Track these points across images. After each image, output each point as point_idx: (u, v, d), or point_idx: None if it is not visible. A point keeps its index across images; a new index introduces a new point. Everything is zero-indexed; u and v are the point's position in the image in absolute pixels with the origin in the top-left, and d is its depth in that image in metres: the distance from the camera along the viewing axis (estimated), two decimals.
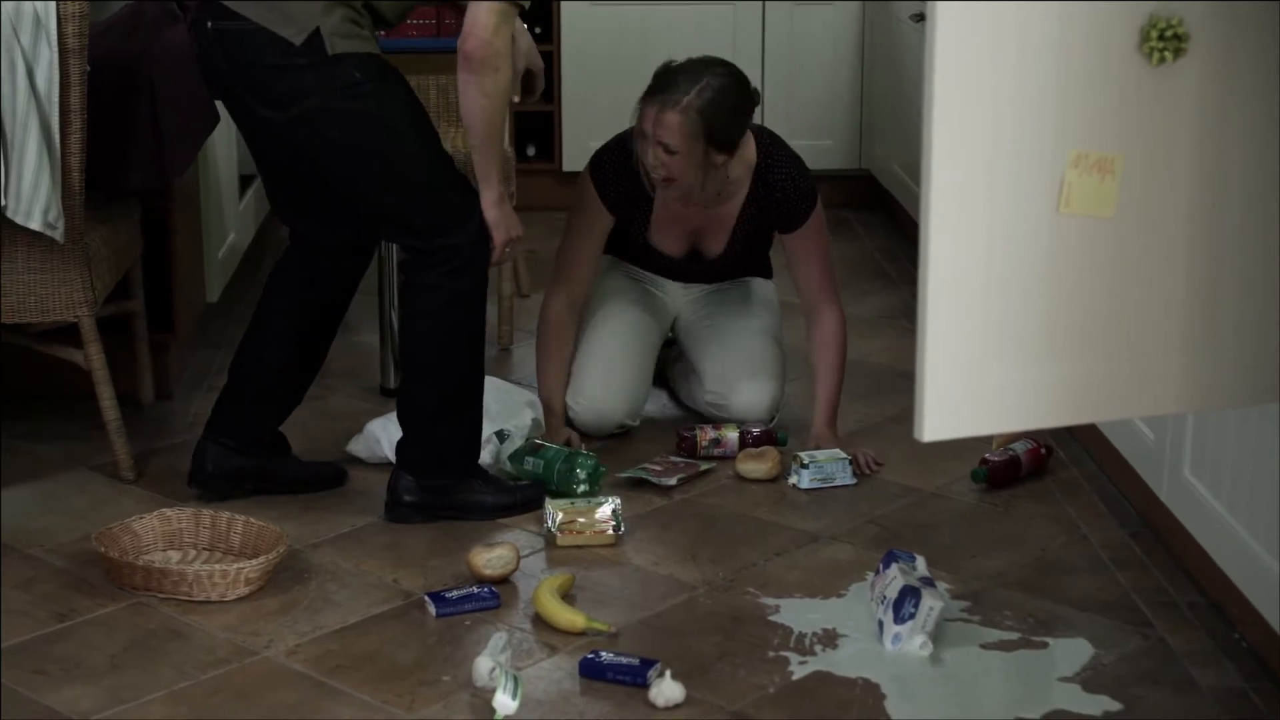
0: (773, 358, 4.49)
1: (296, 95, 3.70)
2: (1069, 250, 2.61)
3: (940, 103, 2.50)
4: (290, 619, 3.48)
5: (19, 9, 3.80)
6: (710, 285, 4.63)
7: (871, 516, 3.97)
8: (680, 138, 4.12)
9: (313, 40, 3.65)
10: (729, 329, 4.51)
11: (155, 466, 4.23)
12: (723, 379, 4.45)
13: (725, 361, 4.47)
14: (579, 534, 3.81)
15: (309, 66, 3.66)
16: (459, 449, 3.94)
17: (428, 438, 3.92)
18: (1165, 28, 2.55)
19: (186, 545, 3.75)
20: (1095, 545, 3.80)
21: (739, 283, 4.64)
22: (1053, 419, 2.71)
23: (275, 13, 3.67)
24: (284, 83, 3.70)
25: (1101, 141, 2.59)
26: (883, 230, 6.41)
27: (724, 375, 4.45)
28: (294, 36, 3.65)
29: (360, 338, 5.18)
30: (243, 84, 3.78)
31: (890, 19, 6.30)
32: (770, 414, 4.44)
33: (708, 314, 4.58)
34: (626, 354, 4.46)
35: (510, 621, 3.47)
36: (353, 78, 3.69)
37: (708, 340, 4.52)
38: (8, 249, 3.96)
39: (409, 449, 3.94)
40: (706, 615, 3.50)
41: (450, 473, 3.94)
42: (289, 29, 3.66)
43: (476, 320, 3.89)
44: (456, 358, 3.88)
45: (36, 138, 3.83)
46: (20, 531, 3.86)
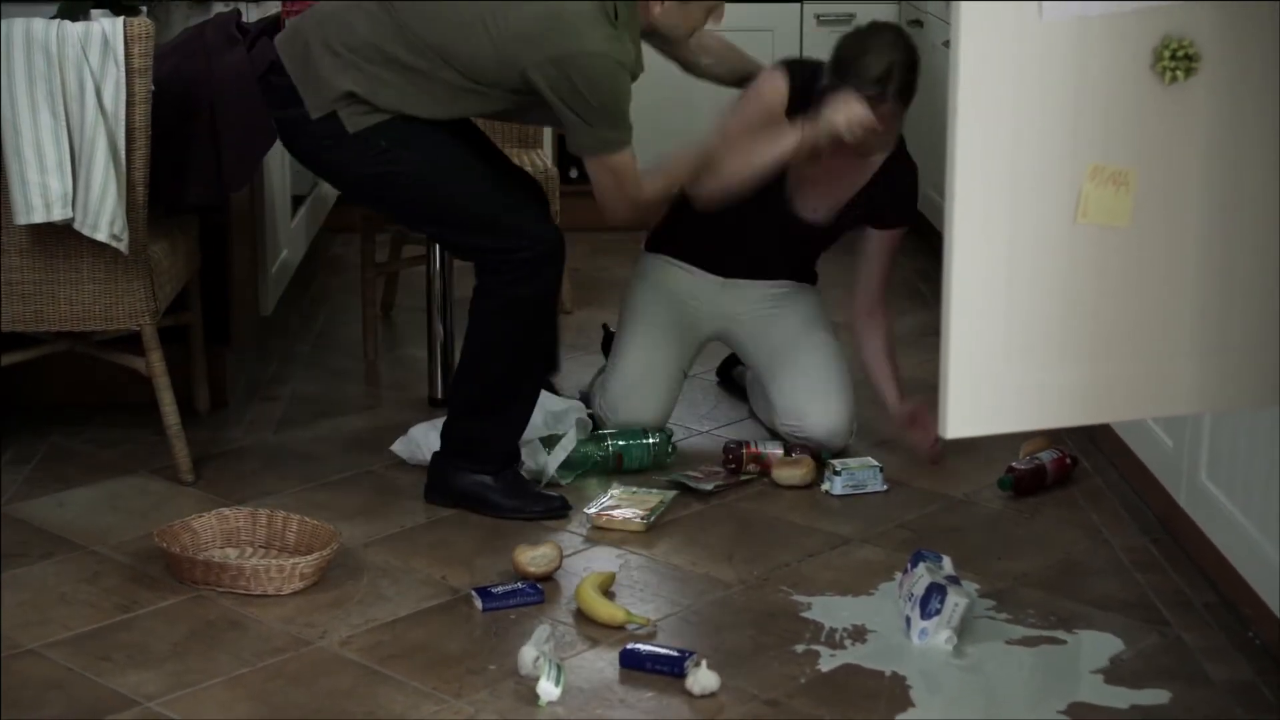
0: (842, 379, 4.54)
1: (339, 170, 4.10)
2: (1086, 258, 2.73)
3: (964, 119, 2.63)
4: (344, 612, 3.63)
5: (88, 30, 3.96)
6: (760, 288, 4.64)
7: (901, 521, 4.11)
8: (895, 124, 4.32)
9: (330, 119, 3.94)
10: (796, 357, 4.55)
11: (212, 470, 4.39)
12: (800, 411, 4.50)
13: (799, 392, 4.51)
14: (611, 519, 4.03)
15: (335, 146, 3.97)
16: (493, 446, 4.11)
17: (466, 427, 4.11)
18: (1177, 48, 2.67)
19: (243, 543, 3.90)
20: (1116, 549, 3.94)
21: (791, 297, 4.66)
22: (1070, 418, 2.84)
23: (309, 78, 3.96)
24: (325, 161, 4.08)
25: (1117, 155, 2.70)
26: (917, 251, 6.54)
27: (800, 407, 4.50)
28: (313, 110, 3.94)
29: (409, 351, 5.34)
30: (305, 165, 4.20)
31: (924, 45, 6.43)
32: (849, 434, 4.52)
33: (772, 340, 4.61)
34: (654, 370, 4.58)
35: (553, 616, 3.61)
36: (379, 146, 3.95)
37: (778, 370, 4.57)
38: (75, 260, 4.13)
39: (449, 434, 4.14)
40: (741, 611, 3.65)
41: (482, 466, 4.10)
42: (311, 100, 3.95)
43: (531, 328, 4.05)
44: (503, 360, 4.05)
45: (104, 153, 3.99)
46: (85, 529, 4.02)
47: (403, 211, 4.20)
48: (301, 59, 3.98)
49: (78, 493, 4.25)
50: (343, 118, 3.93)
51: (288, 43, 4.02)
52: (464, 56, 3.90)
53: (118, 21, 3.99)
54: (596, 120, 3.90)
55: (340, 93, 3.92)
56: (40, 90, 3.95)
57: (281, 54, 4.01)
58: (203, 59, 4.43)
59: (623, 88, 3.90)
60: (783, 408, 4.53)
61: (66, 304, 4.15)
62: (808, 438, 4.48)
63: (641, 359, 4.58)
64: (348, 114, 3.93)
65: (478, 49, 3.89)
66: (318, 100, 3.95)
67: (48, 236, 4.10)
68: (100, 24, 3.98)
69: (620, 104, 3.91)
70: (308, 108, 3.95)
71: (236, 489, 4.26)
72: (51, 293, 4.14)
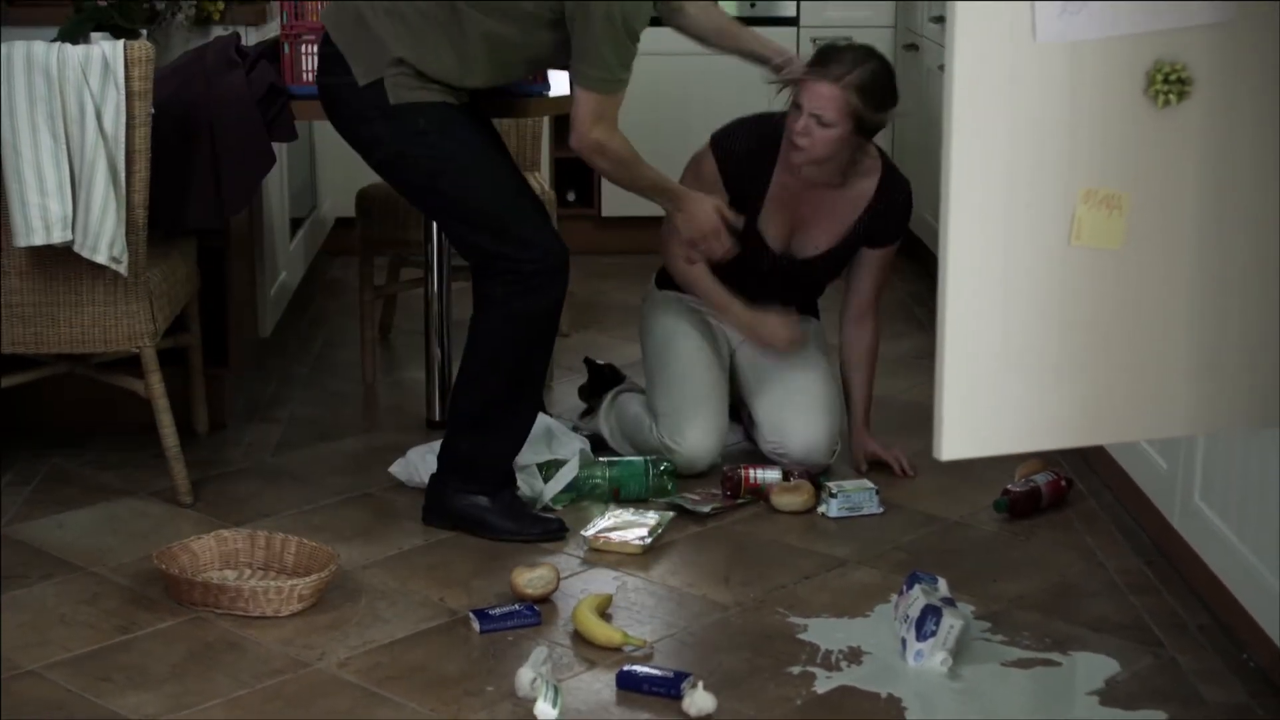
0: (828, 398, 4.57)
1: (374, 143, 4.06)
2: (1080, 280, 2.75)
3: (959, 142, 2.66)
4: (341, 633, 3.64)
5: (89, 53, 3.98)
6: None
7: (897, 543, 4.13)
8: (835, 111, 4.26)
9: (375, 87, 3.96)
10: (783, 375, 4.58)
11: (211, 491, 4.41)
12: (780, 426, 4.53)
13: (782, 408, 4.55)
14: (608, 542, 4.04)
15: (379, 118, 3.99)
16: (491, 464, 4.13)
17: (464, 444, 4.12)
18: (1170, 72, 2.70)
19: (242, 565, 3.91)
20: (1111, 572, 3.95)
21: None
22: (1065, 440, 2.86)
23: (357, 44, 3.99)
24: (363, 132, 4.06)
25: (1110, 178, 2.73)
26: (913, 275, 6.57)
27: (781, 422, 4.53)
28: (360, 76, 3.96)
29: (407, 373, 5.36)
30: (339, 131, 4.14)
31: (920, 69, 6.48)
32: (829, 453, 4.55)
33: (762, 360, 4.63)
34: (710, 389, 4.55)
35: (551, 637, 3.63)
36: (418, 126, 3.99)
37: (762, 386, 4.60)
38: (74, 282, 4.15)
39: (446, 453, 4.15)
40: (737, 633, 3.66)
41: (479, 485, 4.12)
42: (358, 66, 3.97)
43: (533, 343, 4.07)
44: (504, 374, 4.08)
45: (104, 176, 4.01)
46: (85, 551, 4.03)
47: (426, 196, 4.17)
48: (351, 25, 4.01)
49: (77, 514, 4.26)
50: (388, 86, 3.96)
51: (336, 11, 4.06)
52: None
53: (118, 45, 4.01)
54: (610, 49, 3.93)
55: (391, 58, 3.96)
56: (41, 113, 3.97)
57: (328, 24, 4.05)
58: (202, 82, 4.46)
59: (643, 15, 3.97)
60: (765, 424, 4.56)
61: (66, 326, 4.17)
62: (787, 454, 4.50)
63: (696, 380, 4.55)
64: (393, 83, 3.96)
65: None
66: (367, 66, 3.98)
67: (47, 259, 4.12)
68: (101, 47, 4.00)
69: (635, 33, 3.96)
70: (355, 74, 3.99)
71: (235, 511, 4.28)
72: (51, 315, 4.16)
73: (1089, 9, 2.66)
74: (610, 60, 3.96)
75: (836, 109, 4.26)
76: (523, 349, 4.07)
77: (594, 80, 3.98)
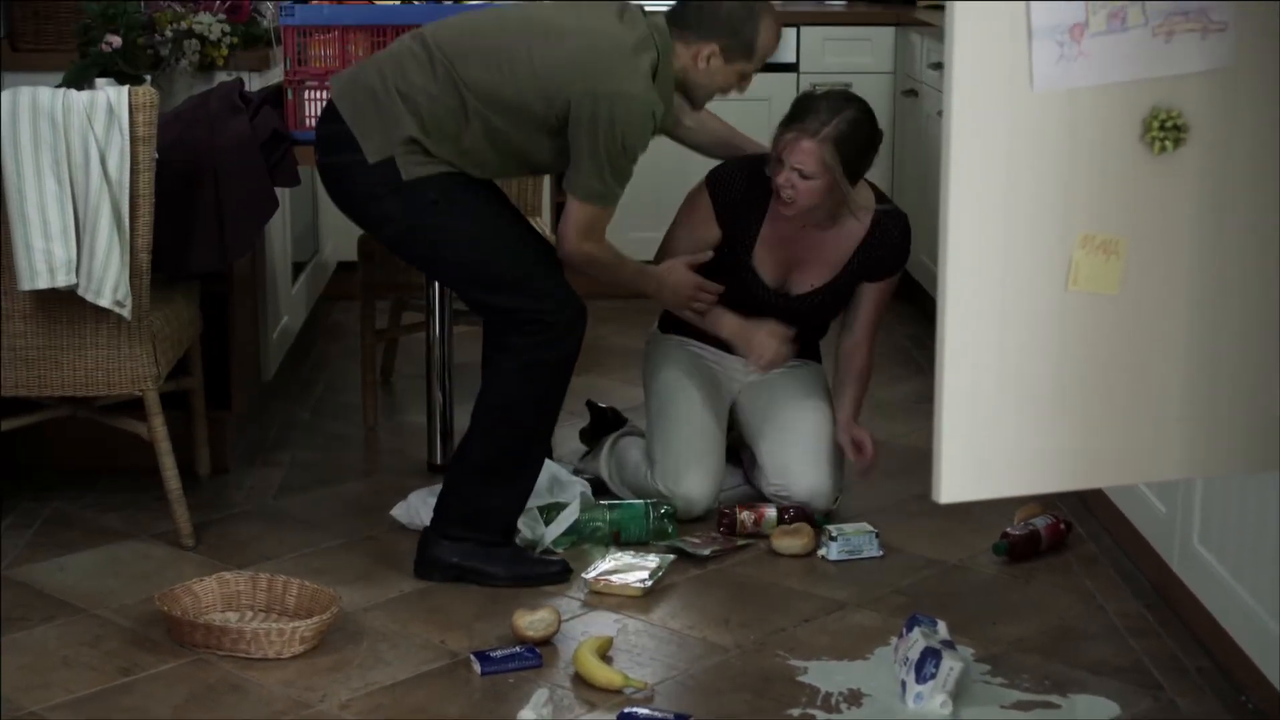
0: (830, 443, 4.58)
1: (385, 220, 4.09)
2: (1077, 325, 2.77)
3: (957, 187, 2.68)
4: (343, 675, 3.65)
5: (94, 98, 4.01)
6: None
7: (897, 586, 4.14)
8: (815, 165, 4.30)
9: (386, 165, 3.99)
10: (787, 418, 4.59)
11: (213, 535, 4.42)
12: (785, 469, 4.54)
13: (786, 451, 4.56)
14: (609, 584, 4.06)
15: (390, 194, 4.02)
16: (498, 512, 4.13)
17: (472, 493, 4.11)
18: (1166, 119, 2.72)
19: (244, 607, 3.92)
20: (1111, 614, 3.96)
21: (794, 370, 4.71)
22: (1063, 483, 2.87)
23: (368, 121, 4.01)
24: (373, 209, 4.08)
25: (1107, 224, 2.75)
26: (912, 319, 6.60)
27: (786, 465, 4.55)
28: (371, 154, 3.99)
29: (409, 417, 5.38)
30: (345, 209, 4.17)
31: (920, 115, 6.52)
32: (833, 499, 4.56)
33: (765, 402, 4.65)
34: (708, 437, 4.57)
35: (551, 680, 3.64)
36: (428, 199, 4.02)
37: (767, 430, 4.61)
38: (78, 325, 4.17)
39: (450, 500, 4.13)
40: (738, 675, 3.67)
41: (483, 533, 4.12)
42: (369, 143, 4.00)
43: (548, 393, 4.10)
44: (518, 423, 4.09)
45: (108, 220, 4.03)
46: (86, 593, 4.05)
47: (441, 267, 4.21)
48: (363, 104, 4.03)
49: (79, 557, 4.28)
50: (400, 164, 3.99)
51: (346, 90, 4.07)
52: (508, 94, 3.98)
53: (123, 90, 4.04)
54: (606, 164, 3.98)
55: (403, 137, 3.99)
56: (46, 157, 3.99)
57: (338, 102, 4.06)
58: (206, 127, 4.48)
59: (644, 137, 4.01)
60: (770, 467, 4.57)
61: (69, 369, 4.19)
62: (790, 498, 4.51)
63: (694, 427, 4.57)
64: (405, 160, 3.99)
65: (522, 83, 3.97)
66: (378, 144, 4.00)
67: (51, 302, 4.14)
68: (106, 92, 4.03)
69: (634, 153, 4.01)
70: (366, 153, 4.00)
71: (237, 554, 4.29)
72: (55, 358, 4.18)
73: (1086, 57, 2.68)
74: (608, 177, 4.01)
75: (816, 163, 4.31)
76: (537, 399, 4.09)
77: (590, 193, 4.03)
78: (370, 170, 4.00)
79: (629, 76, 3.97)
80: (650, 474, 4.54)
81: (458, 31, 4.08)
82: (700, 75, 4.14)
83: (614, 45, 3.99)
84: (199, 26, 4.85)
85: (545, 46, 3.99)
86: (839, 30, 7.01)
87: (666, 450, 4.54)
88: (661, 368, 4.69)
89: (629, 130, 3.96)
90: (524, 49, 4.00)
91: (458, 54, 4.01)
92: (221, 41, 4.88)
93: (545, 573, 4.14)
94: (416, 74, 4.01)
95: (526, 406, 4.08)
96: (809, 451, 4.55)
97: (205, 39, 4.86)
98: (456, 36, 4.05)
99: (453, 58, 4.01)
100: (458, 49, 4.02)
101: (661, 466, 4.52)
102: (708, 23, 4.09)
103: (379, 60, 4.10)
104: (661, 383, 4.66)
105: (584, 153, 3.99)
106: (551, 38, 4.00)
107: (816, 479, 4.52)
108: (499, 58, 4.00)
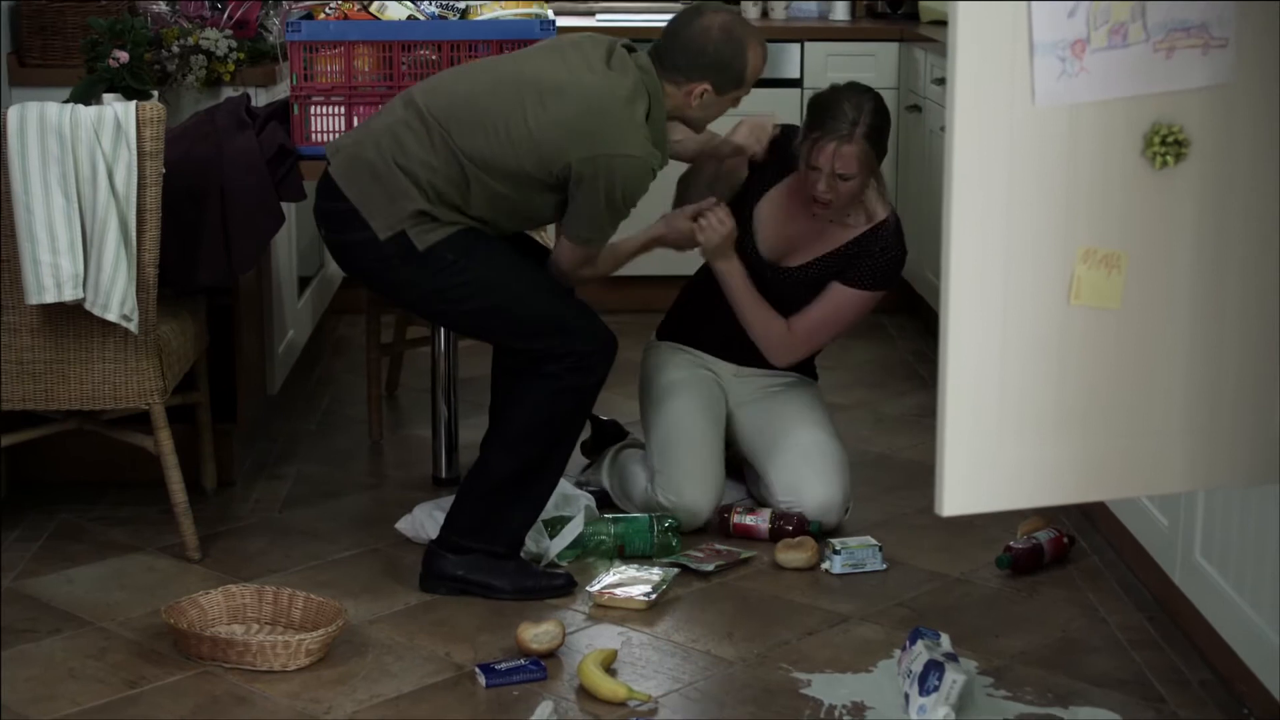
0: (839, 458, 4.60)
1: (407, 287, 4.12)
2: (1079, 338, 2.79)
3: (959, 201, 2.70)
4: (349, 688, 3.67)
5: (101, 114, 4.03)
6: (762, 377, 4.72)
7: (900, 599, 4.16)
8: (857, 166, 4.37)
9: (399, 239, 4.02)
10: (790, 436, 4.62)
11: (219, 548, 4.44)
12: (794, 487, 4.56)
13: (794, 469, 4.58)
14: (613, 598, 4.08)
15: (405, 265, 4.05)
16: (510, 526, 4.15)
17: (486, 505, 4.12)
18: (1167, 134, 2.75)
19: (250, 620, 3.94)
20: (1113, 627, 3.98)
21: (793, 387, 4.74)
22: (1064, 496, 2.89)
23: (373, 199, 4.03)
24: (391, 278, 4.11)
25: (1109, 239, 2.78)
26: (915, 334, 6.62)
27: (795, 483, 4.56)
28: (380, 231, 4.02)
29: (413, 431, 5.40)
30: (364, 282, 4.26)
31: (923, 131, 6.54)
32: (843, 512, 4.58)
33: (766, 422, 4.68)
34: (707, 446, 4.60)
35: (556, 692, 3.65)
36: (446, 260, 4.04)
37: (774, 448, 4.63)
38: (85, 339, 4.19)
39: (461, 512, 4.14)
40: (741, 688, 3.69)
41: (493, 546, 4.13)
42: (376, 220, 4.02)
43: (574, 417, 4.13)
44: (544, 442, 4.11)
45: (115, 235, 4.06)
46: (93, 606, 4.07)
47: (470, 321, 4.21)
48: (365, 182, 4.04)
49: (86, 569, 4.29)
50: (412, 236, 4.01)
51: (347, 167, 4.07)
52: (508, 162, 4.01)
53: (130, 105, 4.07)
54: (602, 217, 4.06)
55: (411, 211, 4.01)
56: (53, 173, 4.02)
57: (339, 180, 4.07)
58: (213, 142, 4.50)
59: (641, 191, 4.07)
60: (780, 484, 4.58)
61: (76, 383, 4.21)
62: (802, 512, 4.53)
63: (694, 437, 4.59)
64: (416, 232, 4.01)
65: (520, 150, 4.00)
66: (387, 220, 4.02)
67: (59, 316, 4.17)
68: (113, 108, 4.06)
69: (629, 206, 4.08)
70: (375, 229, 4.02)
71: (243, 567, 4.31)
72: (62, 372, 4.20)
73: (1088, 73, 2.71)
74: (605, 225, 4.10)
75: (857, 164, 4.36)
76: (565, 420, 4.12)
77: (585, 240, 4.13)
78: (382, 245, 4.03)
79: (627, 136, 3.99)
80: (651, 486, 4.56)
81: (449, 97, 4.08)
82: (695, 111, 4.18)
83: (609, 102, 4.00)
84: (206, 42, 4.87)
85: (541, 110, 4.00)
86: (843, 46, 7.02)
87: (667, 461, 4.56)
88: (658, 375, 4.72)
89: (629, 186, 4.01)
90: (519, 113, 4.01)
91: (453, 122, 4.03)
92: (228, 57, 4.90)
93: (550, 586, 4.16)
94: (415, 146, 4.03)
95: (554, 426, 4.12)
96: (816, 468, 4.57)
97: (212, 55, 4.88)
98: (449, 104, 4.06)
99: (448, 127, 4.02)
100: (453, 117, 4.03)
101: (663, 478, 4.54)
102: (696, 64, 4.10)
103: (375, 133, 4.10)
104: (658, 391, 4.69)
105: (583, 209, 4.05)
106: (547, 99, 4.01)
107: (826, 494, 4.54)
108: (494, 123, 4.01)
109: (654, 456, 4.60)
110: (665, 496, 4.51)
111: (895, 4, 7.48)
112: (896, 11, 7.47)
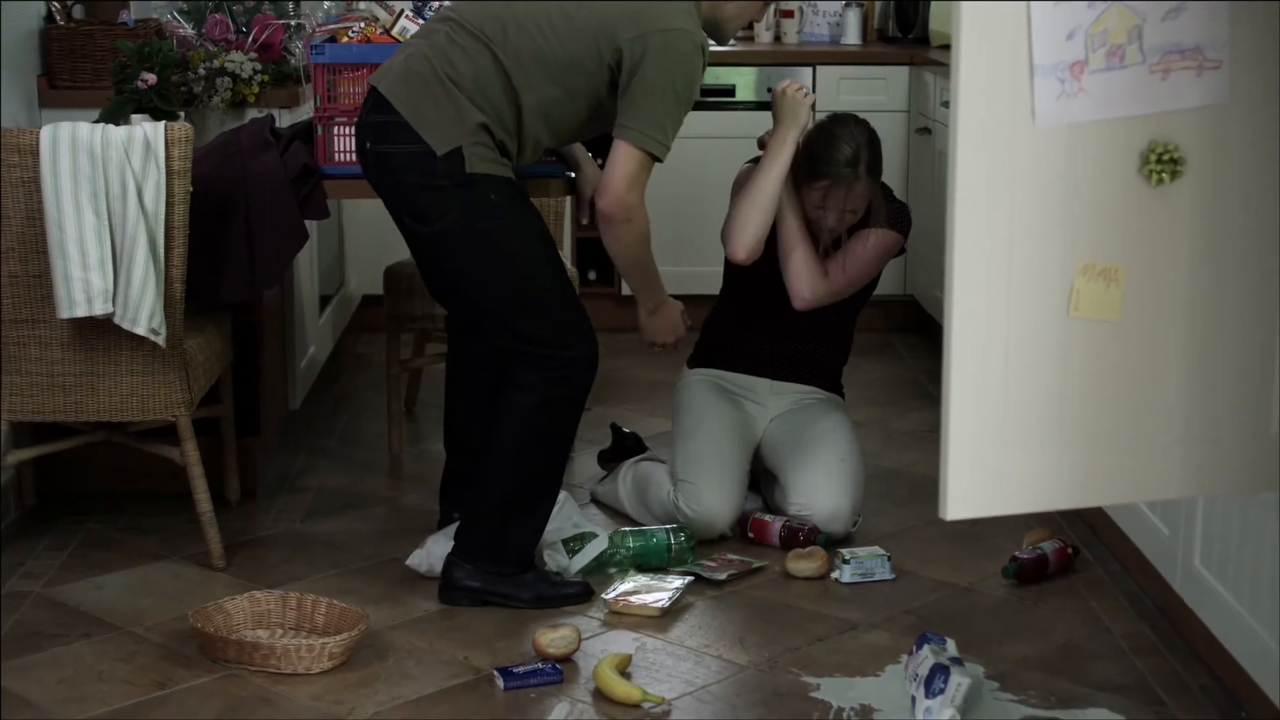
0: (856, 473, 4.70)
1: (439, 212, 4.05)
2: (1079, 349, 2.86)
3: (962, 218, 2.78)
4: (371, 690, 3.77)
5: (131, 134, 4.14)
6: (797, 392, 4.85)
7: (908, 607, 4.25)
8: (865, 200, 4.57)
9: (453, 156, 4.00)
10: (811, 444, 4.72)
11: (243, 556, 4.54)
12: (807, 491, 4.66)
13: (809, 474, 4.67)
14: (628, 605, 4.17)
15: (450, 187, 4.01)
16: (517, 543, 4.21)
17: (491, 527, 4.19)
18: (1163, 152, 2.83)
19: (274, 625, 4.04)
20: (1116, 635, 4.07)
21: (819, 402, 4.85)
22: (1063, 500, 2.97)
23: (426, 112, 4.02)
24: (428, 199, 4.05)
25: (1107, 253, 2.85)
26: (925, 352, 6.71)
27: (808, 488, 4.66)
28: (437, 146, 3.99)
29: (431, 446, 5.49)
30: (394, 199, 4.13)
31: (933, 152, 6.63)
32: (852, 523, 4.68)
33: (790, 429, 4.78)
34: (731, 460, 4.69)
35: (572, 695, 3.75)
36: (489, 199, 4.03)
37: (797, 455, 4.73)
38: (114, 353, 4.30)
39: (469, 534, 4.21)
40: (752, 691, 3.78)
41: (505, 564, 4.21)
42: (433, 135, 4.00)
43: (564, 428, 4.18)
44: (535, 458, 4.17)
45: (144, 251, 4.16)
46: (122, 611, 4.17)
47: (480, 276, 4.10)
48: (419, 96, 4.03)
49: (114, 576, 4.40)
50: (466, 155, 3.99)
51: (398, 81, 4.06)
52: (556, 54, 4.02)
53: (159, 126, 4.17)
54: (659, 103, 4.01)
55: (475, 123, 4.00)
56: (84, 191, 4.12)
57: (390, 94, 4.04)
58: (238, 162, 4.59)
59: (696, 72, 4.05)
60: (793, 488, 4.68)
61: (105, 395, 4.31)
62: (812, 518, 4.63)
63: (718, 449, 4.69)
64: (472, 152, 3.99)
65: (566, 40, 4.02)
66: (445, 135, 3.99)
67: (89, 330, 4.27)
68: (143, 128, 4.16)
69: (688, 91, 4.05)
70: (431, 144, 3.99)
71: (266, 575, 4.41)
72: (91, 384, 4.31)
73: (1086, 93, 2.80)
74: (664, 120, 4.03)
75: (865, 199, 4.55)
76: (553, 435, 4.16)
77: (643, 137, 4.02)
78: (434, 161, 4.00)
79: (673, 12, 4.03)
80: (673, 493, 4.65)
81: (488, 9, 4.08)
82: (729, 10, 4.23)
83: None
84: (231, 65, 4.97)
85: (585, 8, 4.04)
86: (855, 70, 7.12)
87: (691, 472, 4.65)
88: (691, 400, 4.82)
89: (681, 63, 4.00)
90: (559, 8, 4.04)
91: (496, 30, 4.04)
92: (253, 79, 5.00)
93: (568, 595, 4.25)
94: (462, 61, 4.02)
95: (542, 442, 4.16)
96: (831, 476, 4.66)
97: (237, 77, 4.98)
98: (490, 14, 4.07)
99: (491, 36, 4.03)
100: (496, 25, 4.04)
101: (684, 486, 4.63)
102: None
103: (421, 50, 4.08)
104: (692, 413, 4.78)
105: (638, 94, 4.01)
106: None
107: (835, 503, 4.64)
108: (538, 21, 4.03)
109: (679, 468, 4.69)
110: (687, 505, 4.60)
111: (906, 28, 7.59)
112: (907, 36, 7.59)
